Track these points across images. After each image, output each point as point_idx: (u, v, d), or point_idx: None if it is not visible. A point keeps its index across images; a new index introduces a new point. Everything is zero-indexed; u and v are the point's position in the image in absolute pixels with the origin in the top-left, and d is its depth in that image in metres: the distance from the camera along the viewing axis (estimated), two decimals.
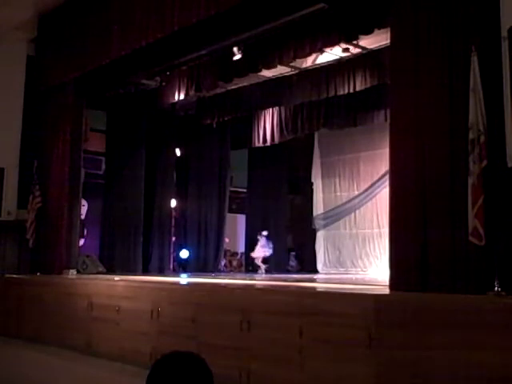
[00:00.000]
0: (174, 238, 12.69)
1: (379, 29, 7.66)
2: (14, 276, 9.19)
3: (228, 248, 14.04)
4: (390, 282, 5.30)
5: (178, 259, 12.94)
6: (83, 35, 9.00)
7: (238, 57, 9.10)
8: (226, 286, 7.37)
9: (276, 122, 12.52)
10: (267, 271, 12.73)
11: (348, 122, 11.72)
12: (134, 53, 8.28)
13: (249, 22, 8.01)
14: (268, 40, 8.68)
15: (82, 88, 9.76)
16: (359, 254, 12.74)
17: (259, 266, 12.87)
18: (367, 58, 9.58)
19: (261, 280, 10.19)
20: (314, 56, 10.01)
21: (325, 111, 11.62)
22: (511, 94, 4.58)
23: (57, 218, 9.42)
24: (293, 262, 13.70)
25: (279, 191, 14.15)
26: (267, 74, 10.73)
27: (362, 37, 8.61)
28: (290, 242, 14.29)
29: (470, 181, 4.57)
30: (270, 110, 12.47)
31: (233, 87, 11.36)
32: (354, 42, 9.17)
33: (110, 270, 10.30)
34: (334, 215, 13.36)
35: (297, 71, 10.72)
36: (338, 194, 13.42)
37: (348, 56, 9.72)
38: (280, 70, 10.65)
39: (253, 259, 13.16)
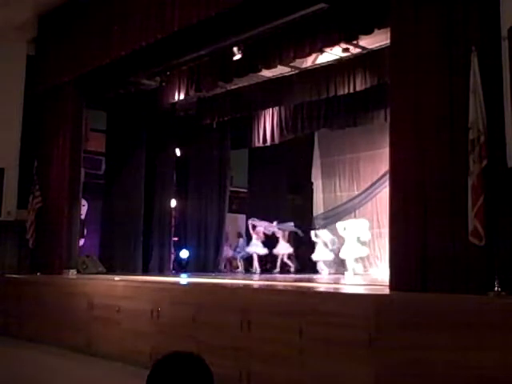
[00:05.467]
0: (174, 238, 12.68)
1: (379, 29, 7.66)
2: (14, 276, 9.20)
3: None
4: (390, 282, 5.30)
5: (177, 259, 12.93)
6: (83, 35, 9.00)
7: (238, 57, 9.10)
8: (225, 286, 7.37)
9: (276, 121, 12.52)
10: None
11: (348, 121, 11.72)
12: (134, 53, 8.29)
13: (249, 22, 8.01)
14: (268, 40, 8.69)
15: (82, 88, 9.77)
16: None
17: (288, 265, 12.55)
18: (367, 58, 9.58)
19: (261, 280, 10.19)
20: (314, 56, 10.02)
21: (325, 111, 11.62)
22: (511, 94, 4.58)
23: (57, 218, 9.43)
24: (293, 263, 13.68)
25: (279, 191, 14.13)
26: (267, 73, 10.73)
27: (362, 37, 8.61)
28: (291, 241, 14.25)
29: (470, 181, 4.57)
30: (270, 110, 12.46)
31: (233, 87, 11.36)
32: (354, 42, 9.17)
33: (110, 270, 10.29)
34: (334, 215, 13.33)
35: (297, 71, 10.72)
36: (338, 194, 13.42)
37: (348, 56, 9.72)
38: (280, 70, 10.65)
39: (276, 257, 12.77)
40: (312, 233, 12.06)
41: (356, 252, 10.91)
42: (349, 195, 13.16)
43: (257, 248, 12.57)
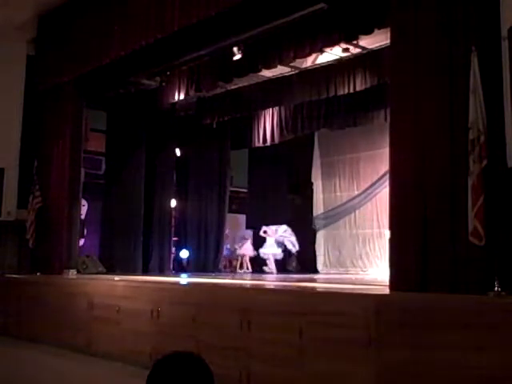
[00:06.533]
0: (174, 238, 12.68)
1: (379, 29, 7.67)
2: (14, 276, 9.19)
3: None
4: (389, 282, 5.29)
5: (177, 259, 12.93)
6: (83, 35, 9.00)
7: (238, 57, 9.10)
8: (225, 286, 7.37)
9: (276, 121, 12.52)
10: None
11: (348, 121, 11.73)
12: (134, 53, 8.29)
13: (249, 21, 8.01)
14: (268, 40, 8.68)
15: (81, 88, 9.77)
16: (359, 254, 12.74)
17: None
18: (367, 58, 9.58)
19: (261, 280, 10.20)
20: (314, 56, 10.02)
21: (325, 111, 11.63)
22: (511, 94, 4.58)
23: (57, 218, 9.43)
24: (293, 262, 13.70)
25: (279, 191, 14.14)
26: (267, 73, 10.74)
27: (362, 37, 8.62)
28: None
29: (470, 181, 4.57)
30: (270, 110, 12.47)
31: (233, 87, 11.36)
32: (354, 42, 9.17)
33: (110, 270, 10.29)
34: (334, 215, 13.37)
35: (297, 71, 10.73)
36: (338, 194, 13.43)
37: (348, 56, 9.73)
38: (280, 70, 10.66)
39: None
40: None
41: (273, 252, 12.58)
42: (349, 195, 13.17)
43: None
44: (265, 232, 12.81)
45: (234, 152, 13.74)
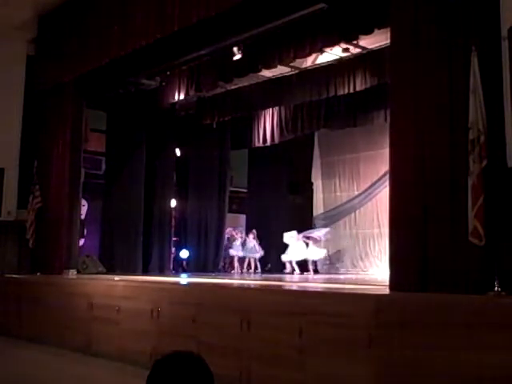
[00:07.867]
0: (174, 238, 12.69)
1: (379, 29, 7.67)
2: (14, 276, 9.20)
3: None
4: (389, 282, 5.30)
5: (177, 259, 12.93)
6: (83, 35, 9.00)
7: (238, 57, 9.11)
8: (225, 286, 7.37)
9: (276, 122, 12.53)
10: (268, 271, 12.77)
11: (348, 122, 11.73)
12: (134, 53, 8.29)
13: (249, 21, 8.02)
14: (268, 40, 8.70)
15: (81, 88, 9.77)
16: (359, 254, 12.74)
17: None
18: (367, 58, 9.59)
19: (261, 280, 10.20)
20: (314, 56, 10.03)
21: (325, 111, 11.64)
22: (511, 94, 4.58)
23: (57, 218, 9.43)
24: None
25: (279, 191, 14.14)
26: (267, 73, 10.75)
27: (362, 37, 8.62)
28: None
29: (470, 181, 4.57)
30: (270, 110, 12.48)
31: (233, 87, 11.37)
32: (354, 42, 9.18)
33: (110, 270, 10.30)
34: (334, 215, 13.37)
35: (297, 71, 10.73)
36: (338, 193, 13.43)
37: (348, 56, 9.73)
38: (280, 70, 10.67)
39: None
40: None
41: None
42: (349, 195, 13.17)
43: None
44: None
45: (234, 152, 13.75)
